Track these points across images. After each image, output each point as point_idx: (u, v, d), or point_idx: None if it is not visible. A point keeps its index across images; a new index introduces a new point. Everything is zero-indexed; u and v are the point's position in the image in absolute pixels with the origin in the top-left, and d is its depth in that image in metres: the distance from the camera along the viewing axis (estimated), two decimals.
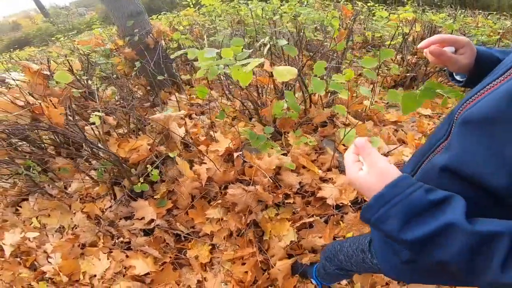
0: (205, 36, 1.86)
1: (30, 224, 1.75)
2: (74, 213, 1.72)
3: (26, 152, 1.60)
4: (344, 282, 1.37)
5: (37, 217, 1.78)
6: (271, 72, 1.38)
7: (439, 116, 2.51)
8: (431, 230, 0.41)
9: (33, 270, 1.54)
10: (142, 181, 1.30)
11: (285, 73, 0.81)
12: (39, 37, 9.79)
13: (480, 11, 5.33)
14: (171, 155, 1.38)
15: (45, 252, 1.61)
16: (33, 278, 1.47)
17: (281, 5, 2.47)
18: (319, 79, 0.98)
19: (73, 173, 1.82)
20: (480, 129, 0.44)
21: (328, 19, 1.65)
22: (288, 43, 1.04)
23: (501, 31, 2.45)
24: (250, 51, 1.06)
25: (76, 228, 1.67)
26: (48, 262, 1.55)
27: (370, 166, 0.50)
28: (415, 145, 2.04)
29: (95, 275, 1.46)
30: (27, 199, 1.89)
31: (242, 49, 1.00)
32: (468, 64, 0.63)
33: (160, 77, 1.99)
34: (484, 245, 0.39)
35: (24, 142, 1.68)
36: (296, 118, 1.15)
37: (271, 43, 1.15)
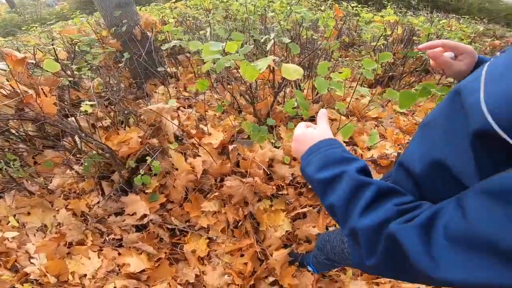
0: (207, 30, 1.83)
1: (7, 224, 1.63)
2: (57, 210, 1.62)
3: (4, 146, 1.48)
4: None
5: (14, 216, 1.66)
6: (273, 68, 1.40)
7: (413, 114, 2.68)
8: (332, 174, 0.50)
9: (15, 272, 1.44)
10: (142, 173, 1.25)
11: (292, 71, 0.84)
12: (3, 28, 9.02)
13: (453, 15, 5.73)
14: (171, 146, 1.35)
15: (26, 252, 1.51)
16: (17, 280, 1.37)
17: (270, 1, 2.49)
18: (322, 78, 1.02)
19: (53, 168, 1.72)
20: (428, 130, 0.49)
21: (323, 19, 1.71)
22: (291, 41, 1.07)
23: (473, 35, 2.65)
24: (252, 46, 1.08)
25: (60, 226, 1.58)
26: (31, 263, 1.46)
27: (320, 127, 0.63)
28: (394, 139, 2.18)
29: (85, 275, 1.40)
30: (1, 197, 1.76)
31: (242, 44, 1.01)
32: (465, 71, 0.66)
33: (160, 69, 1.96)
34: (357, 191, 0.46)
35: None
36: (307, 116, 1.21)
37: (275, 39, 1.17)
